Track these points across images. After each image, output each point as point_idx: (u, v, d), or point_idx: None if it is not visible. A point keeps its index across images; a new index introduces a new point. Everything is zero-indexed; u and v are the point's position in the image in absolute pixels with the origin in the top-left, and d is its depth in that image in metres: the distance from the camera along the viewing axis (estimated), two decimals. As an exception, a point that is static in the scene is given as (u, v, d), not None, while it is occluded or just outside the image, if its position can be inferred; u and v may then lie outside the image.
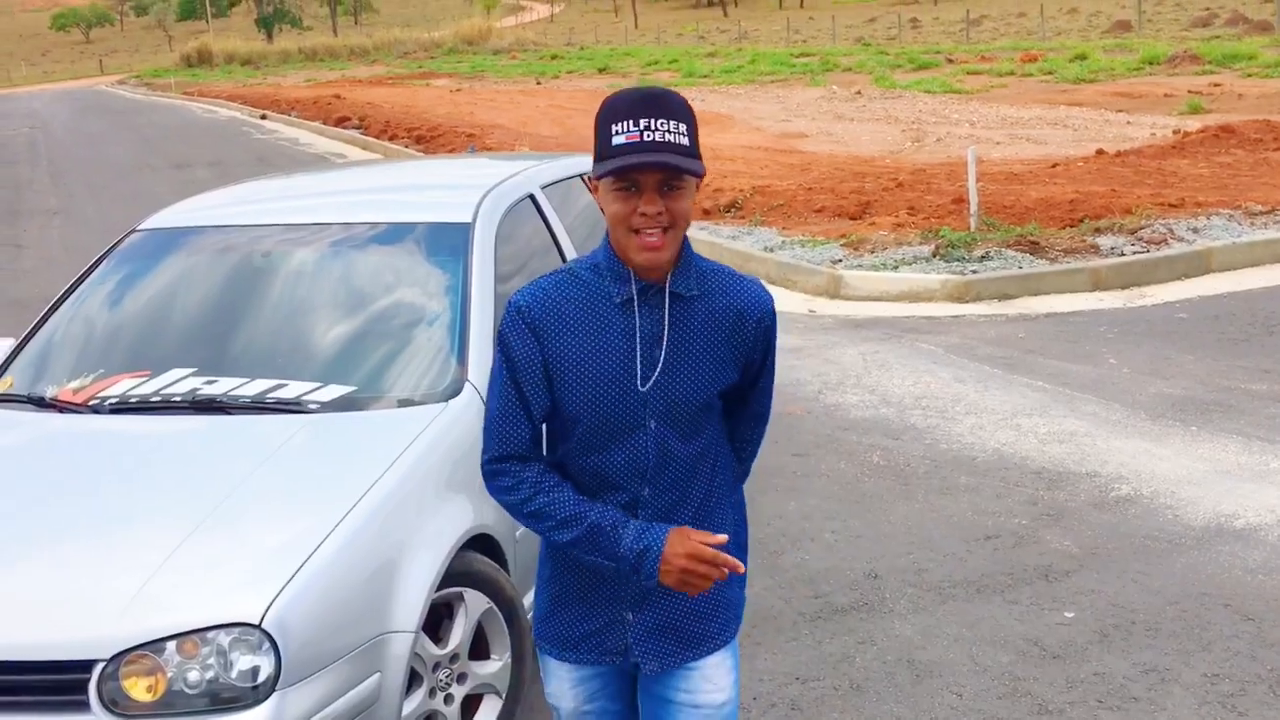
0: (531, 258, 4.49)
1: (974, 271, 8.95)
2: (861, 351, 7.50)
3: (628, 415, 2.25)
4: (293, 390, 3.68)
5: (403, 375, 3.79)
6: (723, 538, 2.20)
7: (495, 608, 3.47)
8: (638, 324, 2.24)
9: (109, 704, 2.77)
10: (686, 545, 2.17)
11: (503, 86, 35.64)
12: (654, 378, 2.23)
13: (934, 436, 5.99)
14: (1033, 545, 4.75)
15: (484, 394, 3.67)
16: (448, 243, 4.10)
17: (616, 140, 2.12)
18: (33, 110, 38.41)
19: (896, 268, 9.26)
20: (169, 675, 2.79)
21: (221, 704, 2.80)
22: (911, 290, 8.84)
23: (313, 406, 3.63)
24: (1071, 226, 10.37)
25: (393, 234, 4.22)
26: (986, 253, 9.35)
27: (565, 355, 2.25)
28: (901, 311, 8.50)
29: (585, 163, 5.51)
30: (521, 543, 3.76)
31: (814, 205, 12.46)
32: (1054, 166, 14.07)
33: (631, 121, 2.11)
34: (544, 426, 2.33)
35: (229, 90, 41.36)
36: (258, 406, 3.64)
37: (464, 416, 3.61)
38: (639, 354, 2.23)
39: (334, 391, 3.68)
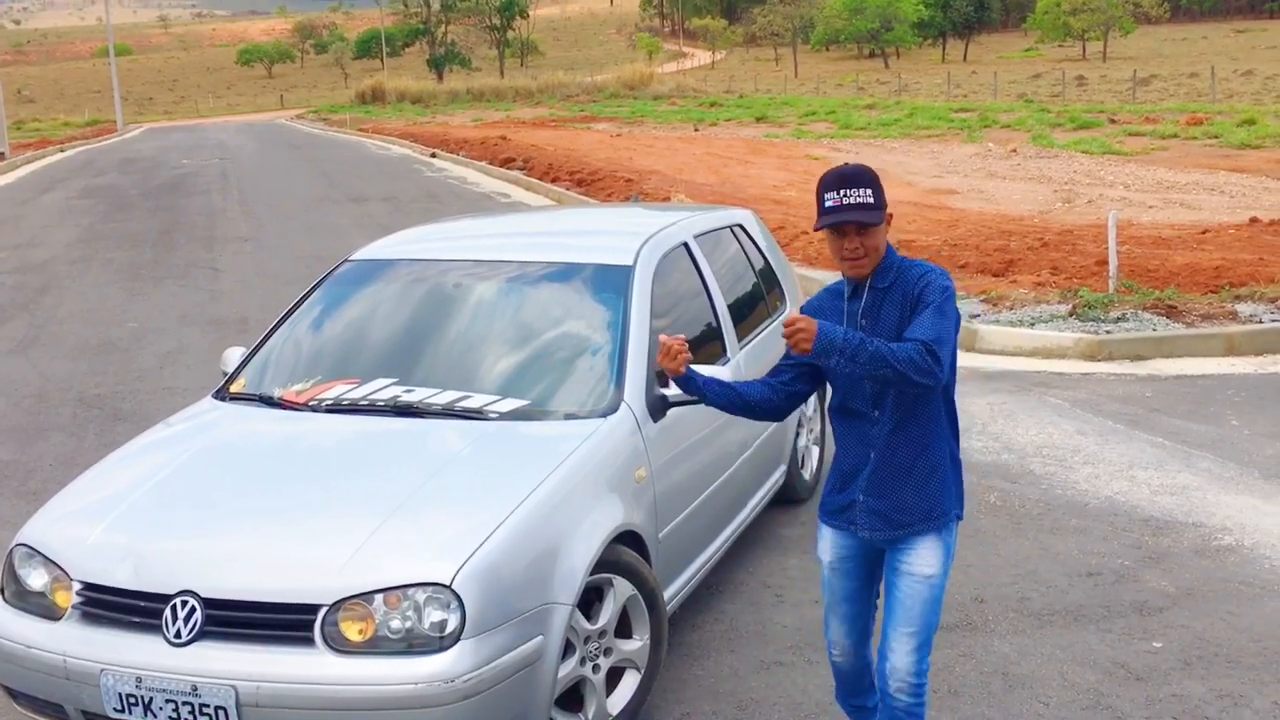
0: (683, 298, 5.11)
1: (1108, 332, 9.25)
2: (989, 402, 7.91)
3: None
4: (476, 401, 4.35)
5: (569, 394, 4.43)
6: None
7: (639, 595, 4.05)
8: (855, 308, 3.43)
9: (329, 641, 3.44)
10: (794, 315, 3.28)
11: (661, 132, 36.61)
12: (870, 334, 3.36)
13: (1050, 483, 6.39)
14: (1132, 583, 5.14)
15: (636, 414, 4.32)
16: (611, 282, 4.75)
17: (828, 204, 3.31)
18: (220, 141, 40.86)
19: (1032, 325, 9.61)
20: (376, 621, 3.45)
21: (416, 648, 3.45)
22: (1045, 347, 9.19)
23: (492, 415, 4.29)
24: (1213, 293, 10.56)
25: (564, 273, 4.88)
26: (1123, 314, 9.64)
27: None
28: (1033, 367, 8.87)
29: (735, 215, 6.14)
30: (664, 542, 4.36)
31: (958, 261, 12.83)
32: (1204, 233, 14.15)
33: (836, 191, 3.30)
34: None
35: (400, 128, 43.28)
36: (447, 413, 4.32)
37: (619, 430, 4.23)
38: (859, 324, 3.40)
39: (511, 404, 4.34)
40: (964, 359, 9.12)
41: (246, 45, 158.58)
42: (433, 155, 30.68)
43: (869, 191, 3.28)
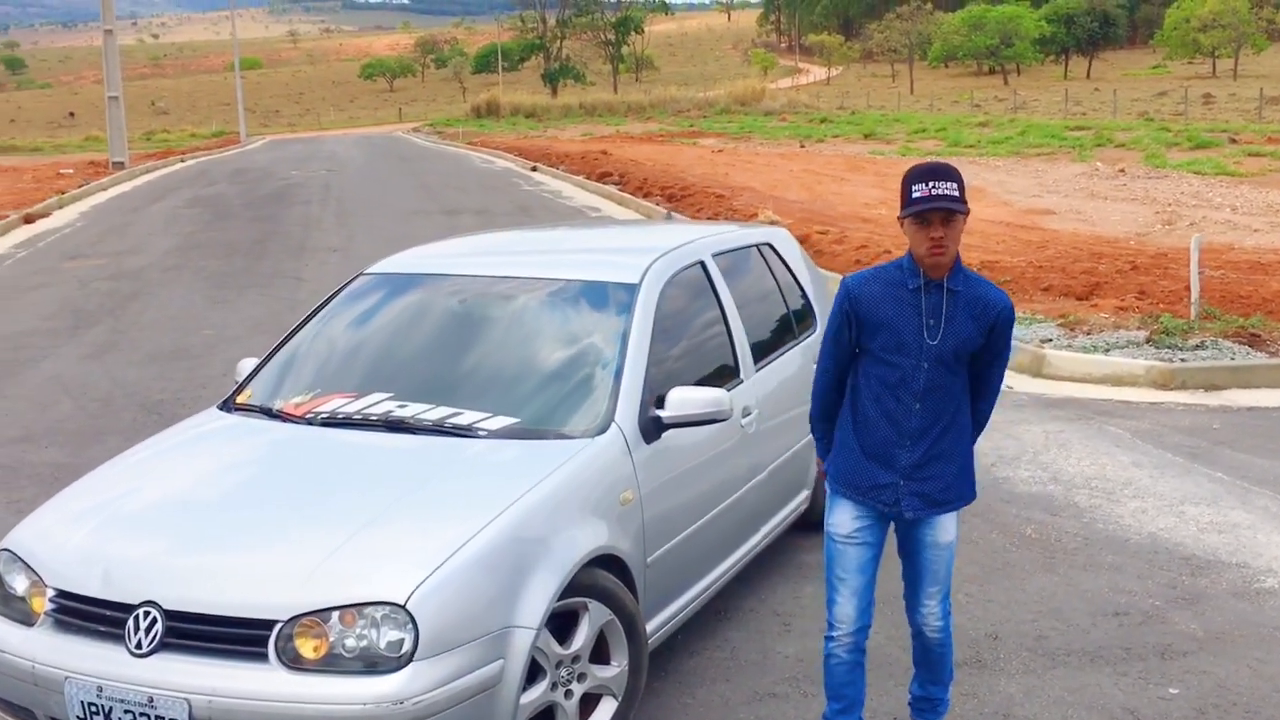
0: (694, 317, 5.02)
1: (1183, 360, 8.90)
2: (1046, 430, 7.65)
3: (913, 357, 3.64)
4: (467, 418, 4.32)
5: (560, 412, 4.37)
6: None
7: (616, 620, 3.97)
8: (924, 304, 3.62)
9: (283, 657, 3.43)
10: None
11: (765, 148, 36.41)
12: (939, 335, 3.61)
13: (1093, 516, 6.14)
14: (1159, 624, 4.90)
15: (627, 435, 4.24)
16: (615, 300, 4.68)
17: (915, 194, 3.53)
18: (333, 153, 41.71)
19: (1107, 351, 9.29)
20: (331, 639, 3.43)
21: (370, 667, 3.42)
22: (1115, 374, 8.87)
23: (481, 433, 4.25)
24: (1305, 321, 10.10)
25: (570, 290, 4.83)
26: (1202, 342, 9.27)
27: (873, 315, 3.66)
28: (1099, 394, 8.56)
29: (763, 233, 6.03)
30: (653, 568, 4.27)
31: (1042, 284, 12.50)
32: (1307, 257, 13.57)
33: (924, 183, 3.52)
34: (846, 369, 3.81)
35: (508, 142, 43.74)
36: (437, 429, 4.29)
37: (607, 452, 4.16)
38: (926, 321, 3.62)
39: (501, 422, 4.29)
40: (1028, 385, 8.87)
41: (370, 60, 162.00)
42: (533, 169, 30.91)
43: (954, 185, 3.52)
